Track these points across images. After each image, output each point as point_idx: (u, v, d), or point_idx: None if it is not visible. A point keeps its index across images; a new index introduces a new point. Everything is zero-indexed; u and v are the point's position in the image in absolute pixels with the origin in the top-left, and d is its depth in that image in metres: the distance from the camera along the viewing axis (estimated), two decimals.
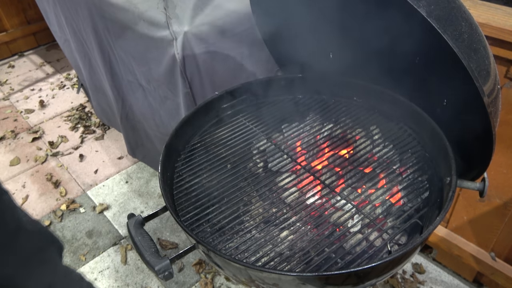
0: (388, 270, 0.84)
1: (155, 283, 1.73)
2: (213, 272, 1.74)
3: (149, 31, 1.38)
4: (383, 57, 1.17)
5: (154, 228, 1.95)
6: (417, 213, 0.91)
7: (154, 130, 1.85)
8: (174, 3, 1.36)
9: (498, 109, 0.84)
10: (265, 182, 1.02)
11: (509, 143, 1.24)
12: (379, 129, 1.15)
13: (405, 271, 1.68)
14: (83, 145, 2.54)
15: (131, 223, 0.89)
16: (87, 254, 1.87)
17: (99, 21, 1.61)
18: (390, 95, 1.13)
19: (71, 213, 2.08)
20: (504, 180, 1.29)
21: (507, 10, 1.14)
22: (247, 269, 0.78)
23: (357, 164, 1.03)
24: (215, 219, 0.92)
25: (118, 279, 1.76)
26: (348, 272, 0.73)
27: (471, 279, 1.62)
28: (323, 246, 0.84)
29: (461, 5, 0.77)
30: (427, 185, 0.98)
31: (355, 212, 0.91)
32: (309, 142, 1.13)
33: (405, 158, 1.04)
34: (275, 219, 0.95)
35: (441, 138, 0.97)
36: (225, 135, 1.15)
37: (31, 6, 3.42)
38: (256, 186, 1.02)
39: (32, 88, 3.13)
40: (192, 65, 1.37)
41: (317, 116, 1.21)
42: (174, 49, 1.33)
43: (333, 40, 1.21)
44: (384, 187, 0.98)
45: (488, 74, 0.77)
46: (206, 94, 1.44)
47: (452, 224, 1.53)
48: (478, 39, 0.77)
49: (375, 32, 1.11)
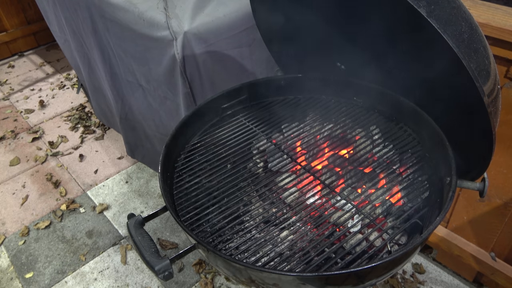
0: (388, 270, 0.84)
1: (155, 283, 1.73)
2: (213, 272, 1.74)
3: (149, 31, 1.38)
4: (383, 57, 1.17)
5: (154, 228, 1.95)
6: (417, 213, 0.91)
7: (153, 130, 1.85)
8: (174, 3, 1.36)
9: (498, 109, 0.84)
10: (265, 182, 1.02)
11: (509, 143, 1.24)
12: (379, 129, 1.15)
13: (405, 271, 1.68)
14: (83, 145, 2.54)
15: (131, 223, 0.89)
16: (87, 254, 1.87)
17: (99, 21, 1.61)
18: (390, 95, 1.13)
19: (71, 213, 2.08)
20: (504, 180, 1.29)
21: (507, 10, 1.14)
22: (247, 269, 0.78)
23: (357, 164, 1.03)
24: (215, 219, 0.92)
25: (118, 279, 1.76)
26: (348, 272, 0.73)
27: (471, 279, 1.62)
28: (323, 246, 0.84)
29: (461, 5, 0.77)
30: (427, 185, 0.98)
31: (355, 212, 0.91)
32: (309, 142, 1.13)
33: (405, 158, 1.04)
34: (275, 219, 0.95)
35: (441, 138, 0.97)
36: (225, 135, 1.15)
37: (31, 6, 3.42)
38: (256, 186, 1.02)
39: (32, 88, 3.13)
40: (192, 65, 1.37)
41: (317, 116, 1.21)
42: (174, 49, 1.33)
43: (333, 40, 1.21)
44: (384, 187, 0.98)
45: (488, 74, 0.77)
46: (206, 94, 1.44)
47: (452, 224, 1.53)
48: (478, 39, 0.77)
49: (375, 32, 1.11)
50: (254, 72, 1.53)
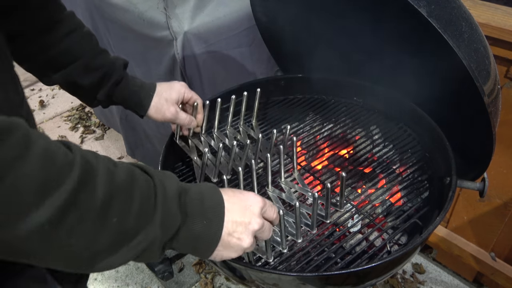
0: (388, 270, 0.84)
1: (155, 283, 1.73)
2: (213, 272, 1.74)
3: (149, 31, 1.38)
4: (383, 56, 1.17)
5: None
6: (417, 213, 0.91)
7: (154, 130, 1.85)
8: (174, 3, 1.36)
9: (498, 109, 0.84)
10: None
11: (509, 143, 1.23)
12: (379, 129, 1.15)
13: (405, 271, 1.68)
14: (83, 145, 2.54)
15: None
16: None
17: (99, 22, 1.61)
18: (390, 95, 1.13)
19: None
20: (504, 180, 1.29)
21: (507, 10, 1.14)
22: (247, 269, 0.78)
23: (357, 164, 1.03)
24: None
25: (118, 279, 1.76)
26: (348, 272, 0.74)
27: (471, 279, 1.62)
28: (323, 246, 0.84)
29: (461, 5, 0.77)
30: (427, 185, 0.98)
31: (355, 212, 0.91)
32: (309, 142, 1.13)
33: (405, 158, 1.04)
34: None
35: (441, 138, 0.97)
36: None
37: None
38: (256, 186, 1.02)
39: (32, 88, 3.13)
40: (192, 65, 1.37)
41: (317, 116, 1.21)
42: (174, 49, 1.33)
43: (333, 40, 1.21)
44: (384, 187, 0.98)
45: (488, 74, 0.77)
46: (206, 95, 1.43)
47: (452, 224, 1.53)
48: (478, 39, 0.77)
49: (375, 32, 1.11)
50: (254, 72, 1.53)
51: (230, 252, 0.57)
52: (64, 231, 0.39)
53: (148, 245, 0.46)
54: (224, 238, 0.55)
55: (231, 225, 0.55)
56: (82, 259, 0.43)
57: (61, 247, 0.40)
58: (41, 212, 0.37)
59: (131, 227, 0.45)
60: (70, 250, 0.41)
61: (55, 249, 0.40)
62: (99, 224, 0.41)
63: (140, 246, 0.46)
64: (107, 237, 0.43)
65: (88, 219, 0.41)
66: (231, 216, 0.55)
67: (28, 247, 0.38)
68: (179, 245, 0.51)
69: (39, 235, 0.37)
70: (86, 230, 0.41)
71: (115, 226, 0.43)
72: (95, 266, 0.44)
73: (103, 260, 0.44)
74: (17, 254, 0.40)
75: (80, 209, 0.40)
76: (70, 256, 0.42)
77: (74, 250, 0.41)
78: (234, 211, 0.56)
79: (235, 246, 0.57)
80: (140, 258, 0.48)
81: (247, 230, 0.57)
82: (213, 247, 0.55)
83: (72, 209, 0.39)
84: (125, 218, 0.44)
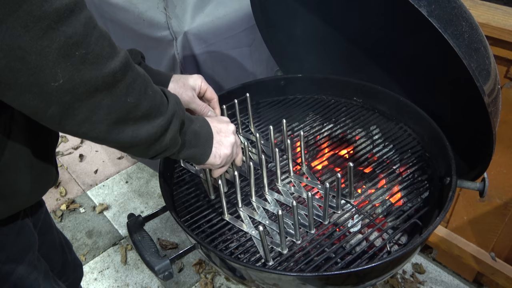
0: (388, 270, 0.84)
1: (155, 283, 1.73)
2: (213, 272, 1.74)
3: (149, 31, 1.38)
4: (384, 57, 1.17)
5: (154, 228, 1.95)
6: (417, 213, 0.91)
7: None
8: (174, 3, 1.36)
9: (498, 109, 0.84)
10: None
11: (509, 143, 1.24)
12: (379, 129, 1.15)
13: (405, 271, 1.68)
14: (83, 145, 2.54)
15: (131, 223, 0.89)
16: (87, 254, 1.87)
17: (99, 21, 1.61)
18: (390, 95, 1.13)
19: (71, 213, 2.08)
20: (504, 180, 1.29)
21: (507, 10, 1.14)
22: (247, 269, 0.78)
23: (357, 164, 1.03)
24: (215, 219, 0.92)
25: (118, 279, 1.76)
26: (348, 272, 0.74)
27: (471, 279, 1.62)
28: (323, 246, 0.84)
29: (461, 5, 0.77)
30: (427, 185, 0.98)
31: (355, 212, 0.91)
32: (309, 142, 1.13)
33: (405, 158, 1.04)
34: (275, 219, 0.95)
35: (441, 138, 0.97)
36: None
37: None
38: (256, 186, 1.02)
39: None
40: (192, 65, 1.37)
41: (317, 116, 1.21)
42: (174, 49, 1.33)
43: (333, 40, 1.21)
44: (384, 187, 0.98)
45: (488, 74, 0.77)
46: None
47: (452, 224, 1.53)
48: (479, 38, 0.77)
49: (376, 32, 1.11)
50: (254, 72, 1.54)
51: (224, 148, 0.77)
52: (125, 85, 0.54)
53: (167, 122, 0.61)
54: (216, 136, 0.76)
55: (216, 126, 0.77)
56: (129, 117, 0.56)
57: (120, 98, 0.54)
58: (115, 62, 0.52)
59: (159, 104, 0.60)
60: (126, 104, 0.55)
61: (116, 98, 0.53)
62: (143, 90, 0.57)
63: (163, 122, 0.61)
64: (146, 104, 0.57)
65: (136, 84, 0.56)
66: (212, 123, 0.77)
67: (104, 86, 0.51)
68: (186, 138, 0.68)
69: (112, 79, 0.51)
70: (136, 91, 0.55)
71: (151, 97, 0.58)
72: (129, 128, 0.57)
73: (138, 126, 0.58)
74: (95, 92, 0.51)
75: (133, 73, 0.55)
76: (124, 107, 0.55)
77: (128, 106, 0.55)
78: (214, 121, 0.79)
79: (225, 142, 0.77)
80: (161, 140, 0.62)
81: (229, 129, 0.79)
82: (210, 141, 0.74)
83: (129, 69, 0.54)
84: (155, 95, 0.60)
